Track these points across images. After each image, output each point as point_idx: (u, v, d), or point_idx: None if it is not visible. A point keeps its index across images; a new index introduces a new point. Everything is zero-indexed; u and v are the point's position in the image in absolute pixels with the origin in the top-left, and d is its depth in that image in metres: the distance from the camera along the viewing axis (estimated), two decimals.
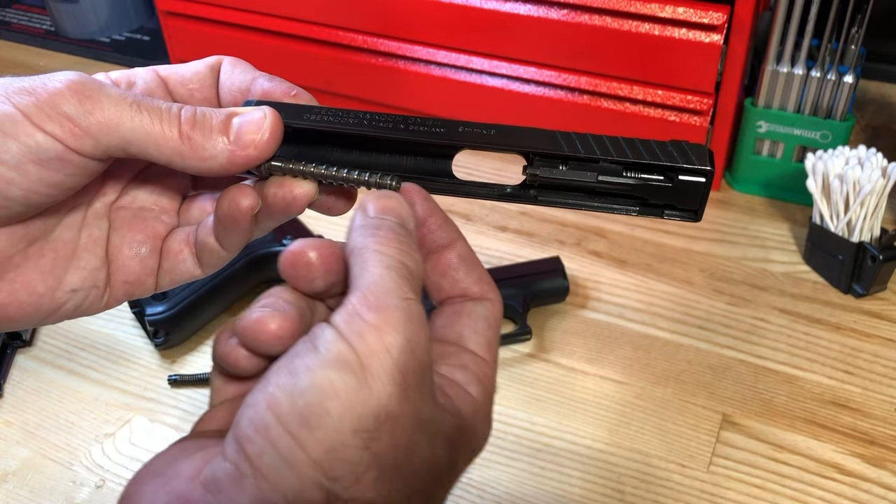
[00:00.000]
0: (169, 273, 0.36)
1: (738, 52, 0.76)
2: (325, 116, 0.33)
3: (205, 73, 0.35)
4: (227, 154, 0.31)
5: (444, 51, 0.89)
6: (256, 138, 0.31)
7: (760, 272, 0.74)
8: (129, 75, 0.34)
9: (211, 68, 0.36)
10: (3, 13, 1.23)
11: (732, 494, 0.56)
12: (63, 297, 0.33)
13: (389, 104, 0.95)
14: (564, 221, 0.80)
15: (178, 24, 1.02)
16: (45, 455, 0.59)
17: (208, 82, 0.35)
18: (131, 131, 0.30)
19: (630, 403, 0.62)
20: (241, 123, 0.31)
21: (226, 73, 0.36)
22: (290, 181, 0.33)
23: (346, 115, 0.33)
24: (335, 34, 0.93)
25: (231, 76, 0.35)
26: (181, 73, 0.35)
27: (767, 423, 0.60)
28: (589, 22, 0.80)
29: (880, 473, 0.57)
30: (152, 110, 0.30)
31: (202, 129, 0.31)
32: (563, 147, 0.32)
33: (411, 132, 0.32)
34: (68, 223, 0.34)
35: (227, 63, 0.36)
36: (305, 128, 0.33)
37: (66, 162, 0.30)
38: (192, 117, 0.31)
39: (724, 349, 0.66)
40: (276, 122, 0.32)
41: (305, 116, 0.33)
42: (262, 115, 0.32)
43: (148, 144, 0.30)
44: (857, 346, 0.66)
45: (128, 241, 0.35)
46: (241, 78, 0.35)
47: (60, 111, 0.29)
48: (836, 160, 0.69)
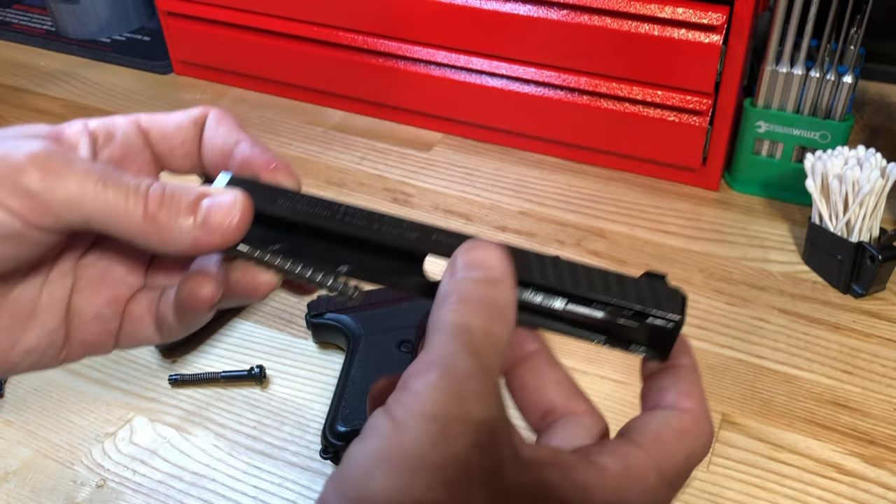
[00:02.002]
0: (128, 337, 0.34)
1: (738, 52, 0.76)
2: (299, 204, 0.32)
3: (188, 128, 0.34)
4: (192, 239, 0.30)
5: (443, 51, 0.89)
6: (224, 225, 0.30)
7: (759, 272, 0.74)
8: (109, 126, 0.33)
9: (195, 122, 0.35)
10: (4, 13, 1.23)
11: (732, 494, 0.56)
12: (17, 357, 0.32)
13: (389, 104, 0.95)
14: (564, 221, 0.80)
15: (179, 25, 1.02)
16: (46, 455, 0.59)
17: (191, 137, 0.34)
18: (94, 209, 0.29)
19: (630, 403, 0.62)
20: (210, 207, 0.30)
21: (210, 128, 0.34)
22: (253, 270, 0.32)
23: (321, 206, 0.32)
24: (335, 34, 0.93)
25: (215, 133, 0.34)
26: (164, 125, 0.34)
27: (767, 423, 0.60)
28: (588, 22, 0.80)
29: (879, 473, 0.57)
30: (118, 187, 0.29)
31: (169, 209, 0.30)
32: (536, 274, 0.31)
33: (382, 233, 0.31)
34: (29, 283, 0.32)
35: (213, 118, 0.35)
36: (277, 216, 0.32)
37: (25, 237, 0.29)
38: (159, 196, 0.30)
39: (724, 349, 0.66)
40: (245, 209, 0.30)
41: (279, 202, 0.32)
42: (233, 200, 0.30)
43: (111, 222, 0.29)
44: (856, 345, 0.66)
45: (90, 303, 0.33)
46: (224, 138, 0.34)
47: (22, 187, 0.28)
48: (836, 160, 0.70)
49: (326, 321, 0.66)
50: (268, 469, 0.58)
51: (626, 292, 0.30)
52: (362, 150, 0.92)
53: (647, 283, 0.30)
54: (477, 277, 0.27)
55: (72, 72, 1.07)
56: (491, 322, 0.26)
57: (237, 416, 0.62)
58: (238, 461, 0.58)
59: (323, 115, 0.98)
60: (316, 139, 0.94)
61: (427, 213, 0.82)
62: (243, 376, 0.64)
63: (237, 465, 0.58)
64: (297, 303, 0.71)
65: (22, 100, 1.02)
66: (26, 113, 0.99)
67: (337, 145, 0.93)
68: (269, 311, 0.71)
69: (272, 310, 0.71)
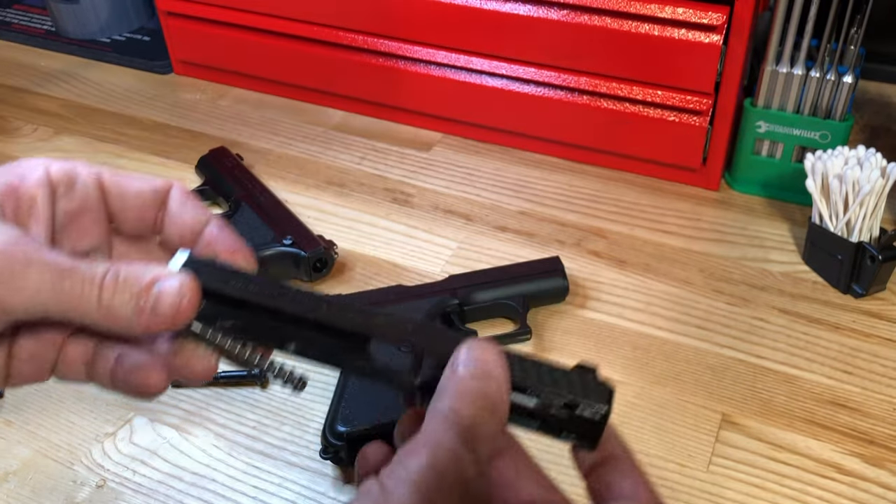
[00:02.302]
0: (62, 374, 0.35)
1: (738, 52, 0.76)
2: (253, 285, 0.33)
3: (147, 197, 0.36)
4: (143, 324, 0.31)
5: (443, 51, 0.89)
6: (172, 310, 0.31)
7: (760, 272, 0.74)
8: (71, 175, 0.34)
9: (155, 193, 0.36)
10: (4, 13, 1.23)
11: (732, 494, 0.56)
12: None
13: (389, 104, 0.95)
14: (564, 222, 0.80)
15: (179, 25, 1.02)
16: (46, 454, 0.59)
17: (149, 205, 0.36)
18: (51, 301, 0.30)
19: (629, 403, 0.62)
20: (160, 294, 0.31)
21: (176, 203, 0.36)
22: (196, 358, 0.33)
23: (273, 287, 0.33)
24: (335, 34, 0.93)
25: (182, 209, 0.36)
26: (125, 189, 0.35)
27: (767, 423, 0.60)
28: (588, 22, 0.80)
29: (879, 473, 0.57)
30: (74, 278, 0.30)
31: (122, 295, 0.31)
32: None
33: (328, 315, 0.33)
34: None
35: (178, 193, 0.36)
36: (231, 295, 0.33)
37: None
38: (113, 284, 0.31)
39: (724, 349, 0.66)
40: (193, 295, 0.32)
41: (233, 282, 0.33)
42: (181, 286, 0.31)
43: (67, 311, 0.31)
44: (856, 345, 0.66)
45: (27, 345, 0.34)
46: (193, 215, 0.36)
47: None
48: (836, 160, 0.70)
49: None
50: (268, 469, 0.58)
51: (558, 384, 0.32)
52: (362, 150, 0.92)
53: (579, 376, 0.33)
54: (474, 373, 0.30)
55: (72, 72, 1.07)
56: (483, 412, 0.29)
57: (237, 417, 0.62)
58: (238, 461, 0.58)
59: (323, 114, 0.98)
60: (316, 139, 0.94)
61: (427, 213, 0.82)
62: (243, 376, 0.64)
63: (237, 465, 0.58)
64: None
65: (22, 100, 1.02)
66: (27, 113, 0.99)
67: (337, 145, 0.93)
68: None
69: None
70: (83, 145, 0.93)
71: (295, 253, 0.72)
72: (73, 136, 0.95)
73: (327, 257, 0.73)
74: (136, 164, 0.90)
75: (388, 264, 0.76)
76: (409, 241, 0.78)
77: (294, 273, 0.73)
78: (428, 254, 0.77)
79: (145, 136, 0.95)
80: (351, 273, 0.75)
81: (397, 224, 0.81)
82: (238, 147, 0.91)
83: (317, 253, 0.72)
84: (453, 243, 0.78)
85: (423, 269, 0.75)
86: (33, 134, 0.96)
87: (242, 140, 0.94)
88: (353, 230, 0.80)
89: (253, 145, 0.93)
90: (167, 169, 0.89)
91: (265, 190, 0.80)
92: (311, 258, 0.72)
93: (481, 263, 0.74)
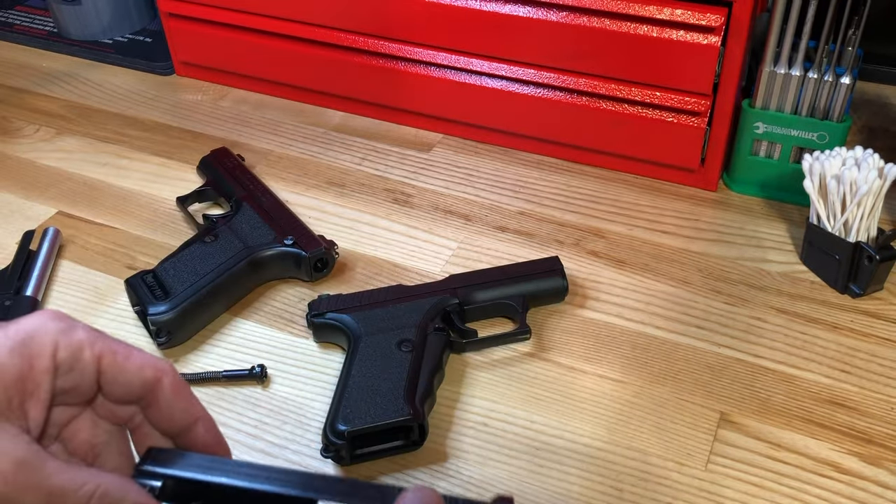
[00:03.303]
0: None
1: (736, 53, 0.76)
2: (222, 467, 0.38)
3: (136, 387, 0.39)
4: None
5: (443, 52, 0.89)
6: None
7: (758, 272, 0.74)
8: (77, 356, 0.37)
9: (144, 386, 0.39)
10: (6, 15, 1.23)
11: (730, 493, 0.56)
12: None
13: (389, 105, 0.95)
14: (563, 222, 0.81)
15: (180, 26, 1.02)
16: None
17: (133, 395, 0.39)
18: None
19: (628, 402, 0.62)
20: None
21: (167, 396, 0.39)
22: None
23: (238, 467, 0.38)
24: (336, 36, 0.93)
25: (172, 404, 0.39)
26: (117, 374, 0.38)
27: (765, 422, 0.61)
28: (587, 24, 0.80)
29: (877, 472, 0.57)
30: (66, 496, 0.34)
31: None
32: None
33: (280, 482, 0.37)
34: None
35: (169, 387, 0.39)
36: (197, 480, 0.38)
37: None
38: None
39: (722, 348, 0.67)
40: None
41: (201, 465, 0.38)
42: None
43: None
44: (853, 345, 0.67)
45: None
46: (182, 415, 0.40)
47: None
48: (833, 161, 0.70)
49: (327, 321, 0.66)
50: None
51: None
52: (363, 151, 0.92)
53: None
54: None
55: (74, 73, 1.08)
56: None
57: (238, 416, 0.62)
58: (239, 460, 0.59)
59: (323, 115, 0.99)
60: (316, 140, 0.94)
61: (427, 214, 0.82)
62: (244, 375, 0.64)
63: None
64: (297, 302, 0.72)
65: (24, 101, 1.02)
66: (29, 113, 1.00)
67: (337, 146, 0.93)
68: (270, 310, 0.71)
69: (273, 309, 0.71)
70: (85, 146, 0.94)
71: (296, 253, 0.72)
72: (75, 137, 0.95)
73: (328, 257, 0.73)
74: (137, 164, 0.90)
75: (389, 264, 0.76)
76: (410, 241, 0.79)
77: (295, 273, 0.73)
78: (428, 254, 0.77)
79: (147, 136, 0.95)
80: (351, 273, 0.75)
81: (397, 224, 0.81)
82: (239, 148, 0.91)
83: (318, 253, 0.72)
84: (453, 243, 0.78)
85: (424, 269, 0.75)
86: (35, 134, 0.96)
87: (243, 141, 0.94)
88: (354, 230, 0.80)
89: (254, 146, 0.93)
90: (168, 169, 0.89)
91: (266, 190, 0.80)
92: (312, 258, 0.72)
93: (481, 263, 0.75)
